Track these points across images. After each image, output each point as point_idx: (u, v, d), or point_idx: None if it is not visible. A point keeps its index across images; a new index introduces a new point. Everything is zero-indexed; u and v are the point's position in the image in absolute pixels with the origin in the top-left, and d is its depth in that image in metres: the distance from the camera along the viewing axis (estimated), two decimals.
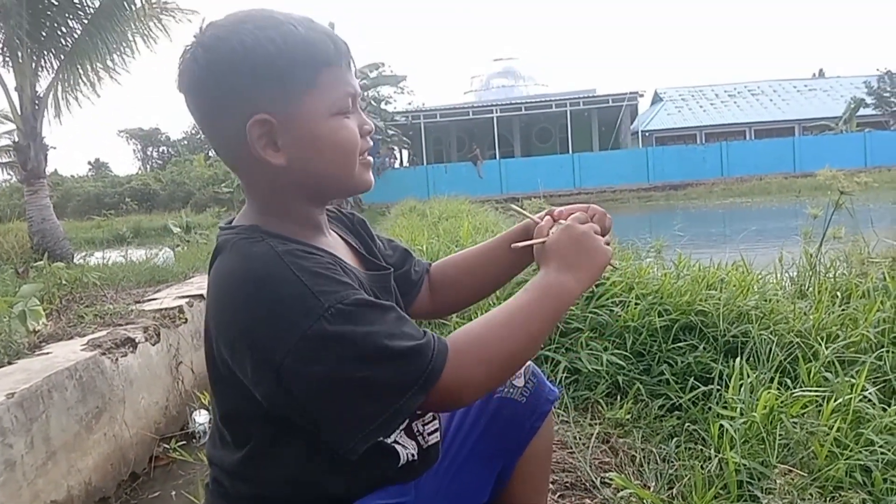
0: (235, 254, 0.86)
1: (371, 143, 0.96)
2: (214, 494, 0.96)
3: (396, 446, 0.96)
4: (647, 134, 33.72)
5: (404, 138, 25.79)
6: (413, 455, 0.98)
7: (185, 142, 52.31)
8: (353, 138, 0.90)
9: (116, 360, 3.22)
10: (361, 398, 0.79)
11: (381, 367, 0.78)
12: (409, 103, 29.63)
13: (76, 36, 8.62)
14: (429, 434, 1.03)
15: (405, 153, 33.88)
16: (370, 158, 0.96)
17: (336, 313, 0.77)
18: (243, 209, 0.96)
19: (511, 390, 1.14)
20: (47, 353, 3.05)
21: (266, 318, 0.78)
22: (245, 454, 0.90)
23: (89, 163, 57.05)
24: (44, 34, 8.38)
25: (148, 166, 54.63)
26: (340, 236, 1.05)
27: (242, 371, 0.83)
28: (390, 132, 24.22)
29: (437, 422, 1.05)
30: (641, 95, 31.45)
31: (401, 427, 0.97)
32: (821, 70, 44.76)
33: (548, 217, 1.08)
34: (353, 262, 0.99)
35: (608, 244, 1.02)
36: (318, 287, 0.79)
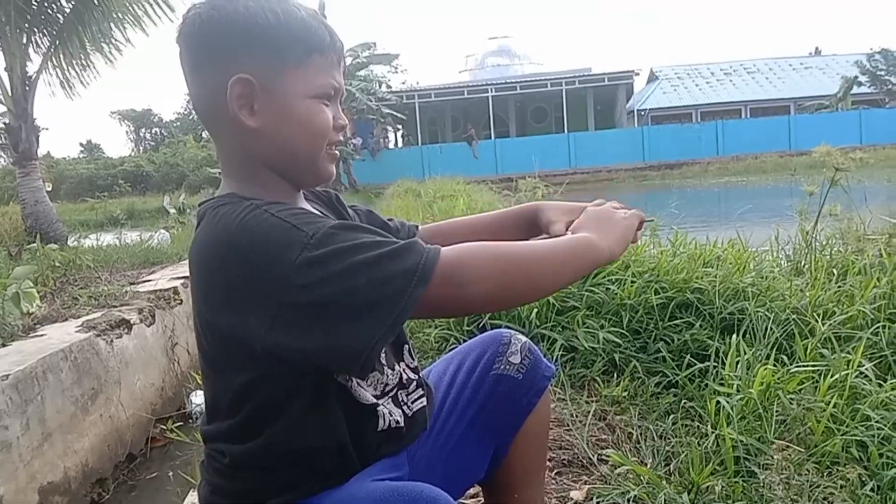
0: (217, 217, 0.87)
1: (342, 139, 1.00)
2: (209, 470, 0.96)
3: (379, 409, 0.96)
4: (642, 113, 33.55)
5: (399, 115, 25.50)
6: (398, 421, 0.99)
7: (178, 123, 51.95)
8: (325, 124, 0.94)
9: (111, 341, 3.21)
10: (366, 306, 0.78)
11: (376, 268, 0.79)
12: (403, 83, 29.40)
13: (66, 13, 8.48)
14: (413, 402, 1.04)
15: (399, 134, 33.70)
16: (337, 152, 0.99)
17: (322, 237, 0.80)
18: (221, 185, 0.98)
19: (507, 367, 1.14)
20: (41, 335, 3.04)
21: (257, 259, 0.80)
22: (245, 415, 0.90)
23: (81, 144, 56.57)
24: (32, 11, 8.23)
25: (141, 148, 54.22)
26: (319, 210, 1.05)
27: (241, 325, 0.82)
28: (384, 111, 23.97)
29: (421, 390, 1.07)
30: (637, 74, 31.29)
31: (388, 395, 0.99)
32: (817, 48, 44.61)
33: None
34: None
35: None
36: (300, 221, 0.82)
